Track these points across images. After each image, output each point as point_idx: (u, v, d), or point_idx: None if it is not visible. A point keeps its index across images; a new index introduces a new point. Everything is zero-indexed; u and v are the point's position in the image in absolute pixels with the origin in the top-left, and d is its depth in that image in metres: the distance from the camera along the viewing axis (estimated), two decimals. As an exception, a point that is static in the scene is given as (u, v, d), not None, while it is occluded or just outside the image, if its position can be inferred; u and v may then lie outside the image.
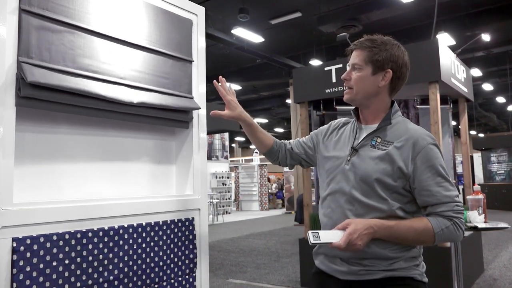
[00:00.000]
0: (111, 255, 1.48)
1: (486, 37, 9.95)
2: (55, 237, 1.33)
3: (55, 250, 1.32)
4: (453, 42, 9.33)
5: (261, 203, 18.00)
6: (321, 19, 9.44)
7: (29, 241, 1.26)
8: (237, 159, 23.98)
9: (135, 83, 1.62)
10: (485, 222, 3.29)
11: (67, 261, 1.35)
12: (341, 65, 4.75)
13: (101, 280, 1.44)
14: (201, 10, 1.97)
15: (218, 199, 14.46)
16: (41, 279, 1.28)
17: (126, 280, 1.51)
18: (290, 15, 9.69)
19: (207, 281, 1.86)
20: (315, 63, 10.79)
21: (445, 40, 8.81)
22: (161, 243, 1.66)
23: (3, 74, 1.25)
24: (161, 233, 1.66)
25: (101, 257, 1.44)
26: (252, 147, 28.99)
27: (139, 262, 1.57)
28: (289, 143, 1.74)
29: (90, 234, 1.42)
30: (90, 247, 1.42)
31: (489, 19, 9.56)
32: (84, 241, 1.40)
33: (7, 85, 1.26)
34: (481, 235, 5.67)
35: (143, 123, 1.74)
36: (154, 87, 1.69)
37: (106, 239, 1.47)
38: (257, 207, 17.96)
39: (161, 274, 1.65)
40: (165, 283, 1.66)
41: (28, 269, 1.25)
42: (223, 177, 16.11)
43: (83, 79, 1.44)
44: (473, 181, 7.58)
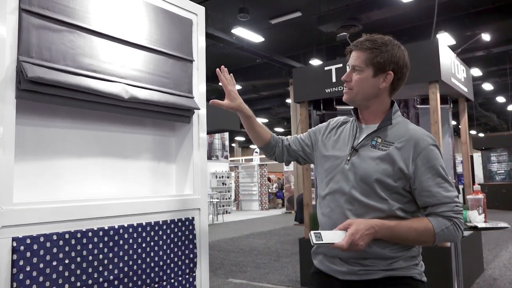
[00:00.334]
0: (111, 255, 1.48)
1: (486, 37, 9.95)
2: (55, 237, 1.33)
3: (55, 249, 1.32)
4: (453, 41, 9.33)
5: (261, 203, 18.00)
6: (321, 18, 9.44)
7: (29, 241, 1.26)
8: (237, 158, 23.98)
9: (135, 82, 1.62)
10: (485, 221, 3.29)
11: (67, 261, 1.35)
12: (341, 65, 4.75)
13: (101, 279, 1.44)
14: (201, 9, 1.97)
15: (218, 198, 14.46)
16: (41, 279, 1.28)
17: (126, 279, 1.51)
18: (290, 14, 9.69)
19: (207, 280, 1.86)
20: (315, 62, 10.79)
21: (445, 39, 8.81)
22: (161, 242, 1.66)
23: (3, 71, 1.25)
24: (161, 232, 1.66)
25: (101, 256, 1.44)
26: (252, 146, 28.98)
27: (139, 261, 1.57)
28: (287, 139, 1.73)
29: (90, 233, 1.42)
30: (90, 246, 1.42)
31: (489, 19, 9.56)
32: (84, 240, 1.40)
33: (7, 81, 1.26)
34: (481, 235, 5.67)
35: (143, 118, 1.74)
36: (154, 86, 1.69)
37: (106, 239, 1.47)
38: (257, 206, 17.96)
39: (161, 273, 1.65)
40: (165, 283, 1.66)
41: (28, 268, 1.25)
42: (223, 177, 16.11)
43: (84, 78, 1.43)
44: (473, 181, 7.58)
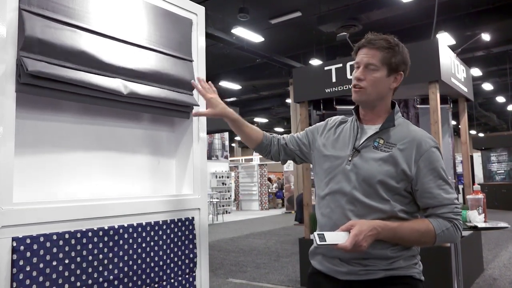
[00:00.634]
0: (111, 255, 1.48)
1: (486, 37, 9.95)
2: (55, 237, 1.33)
3: (55, 249, 1.32)
4: (453, 41, 9.33)
5: (261, 203, 17.99)
6: (321, 18, 9.44)
7: (29, 241, 1.26)
8: (237, 158, 23.98)
9: (134, 78, 1.61)
10: (485, 221, 3.29)
11: (67, 261, 1.35)
12: (341, 65, 4.75)
13: (101, 279, 1.44)
14: (201, 9, 1.97)
15: (218, 198, 14.46)
16: (41, 279, 1.28)
17: (126, 279, 1.51)
18: (290, 14, 9.69)
19: (207, 280, 1.86)
20: (315, 62, 10.79)
21: (445, 39, 8.81)
22: (161, 242, 1.66)
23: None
24: (161, 232, 1.66)
25: (101, 256, 1.44)
26: (252, 146, 28.86)
27: (139, 261, 1.57)
28: (283, 138, 1.72)
29: (90, 233, 1.42)
30: (90, 246, 1.42)
31: (489, 19, 9.56)
32: (84, 240, 1.40)
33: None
34: (481, 235, 5.67)
35: (143, 116, 1.74)
36: (153, 82, 1.69)
37: (106, 239, 1.47)
38: (257, 206, 17.96)
39: (161, 273, 1.65)
40: (165, 283, 1.66)
41: (28, 268, 1.25)
42: (223, 177, 16.11)
43: (83, 73, 1.43)
44: (473, 181, 7.58)
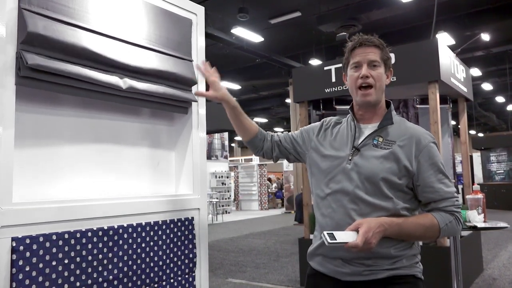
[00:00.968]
0: (110, 255, 1.48)
1: (485, 37, 9.96)
2: (54, 237, 1.32)
3: (54, 249, 1.32)
4: (452, 41, 9.34)
5: (260, 203, 18.00)
6: (321, 18, 9.45)
7: (28, 241, 1.26)
8: (236, 158, 23.98)
9: (134, 74, 1.62)
10: (485, 221, 3.29)
11: (66, 261, 1.35)
12: (340, 65, 4.73)
13: (101, 279, 1.44)
14: (200, 9, 1.97)
15: (217, 198, 14.46)
16: (41, 279, 1.28)
17: (125, 279, 1.51)
18: (289, 14, 9.70)
19: (207, 280, 1.86)
20: (315, 62, 10.79)
21: (444, 39, 8.81)
22: (161, 242, 1.66)
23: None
24: (160, 232, 1.66)
25: (100, 256, 1.44)
26: (251, 146, 28.84)
27: (139, 261, 1.57)
28: (277, 135, 1.71)
29: (89, 233, 1.42)
30: (89, 246, 1.42)
31: (488, 19, 9.57)
32: (83, 240, 1.40)
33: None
34: (480, 235, 5.67)
35: (141, 109, 1.76)
36: (153, 79, 1.69)
37: (105, 239, 1.47)
38: (257, 206, 17.96)
39: (161, 273, 1.65)
40: (164, 283, 1.66)
41: (27, 268, 1.25)
42: (222, 177, 16.11)
43: (82, 67, 1.44)
44: (472, 181, 7.58)
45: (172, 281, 1.69)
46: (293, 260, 6.40)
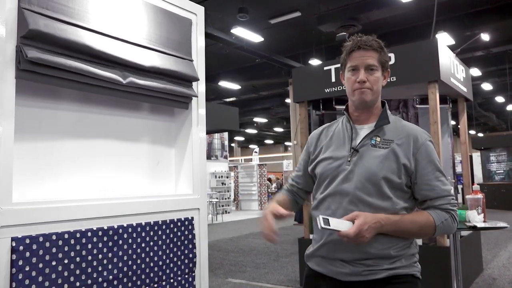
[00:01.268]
0: (110, 255, 1.48)
1: (485, 37, 9.95)
2: (54, 237, 1.32)
3: (54, 249, 1.32)
4: (452, 41, 9.33)
5: (260, 203, 17.99)
6: (321, 18, 9.44)
7: (28, 241, 1.26)
8: (236, 158, 24.00)
9: (134, 70, 1.62)
10: (484, 221, 3.29)
11: (66, 261, 1.35)
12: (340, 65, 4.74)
13: (101, 279, 1.44)
14: (200, 9, 1.97)
15: (217, 198, 14.46)
16: (40, 279, 1.28)
17: (125, 279, 1.51)
18: (289, 14, 9.69)
19: (207, 280, 1.86)
20: (315, 62, 10.79)
21: (444, 39, 8.81)
22: (161, 242, 1.66)
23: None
24: (160, 232, 1.66)
25: (100, 256, 1.44)
26: (251, 146, 28.98)
27: (139, 261, 1.57)
28: (291, 185, 1.70)
29: (89, 233, 1.42)
30: (89, 246, 1.42)
31: (488, 19, 9.56)
32: (83, 240, 1.40)
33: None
34: (480, 235, 5.67)
35: (142, 104, 1.76)
36: (152, 76, 1.69)
37: (105, 239, 1.47)
38: (257, 206, 17.95)
39: (161, 273, 1.65)
40: (164, 283, 1.66)
41: (27, 268, 1.25)
42: (222, 177, 16.11)
43: (82, 62, 1.44)
44: (472, 181, 7.59)
45: (172, 281, 1.69)
46: (293, 260, 6.40)
